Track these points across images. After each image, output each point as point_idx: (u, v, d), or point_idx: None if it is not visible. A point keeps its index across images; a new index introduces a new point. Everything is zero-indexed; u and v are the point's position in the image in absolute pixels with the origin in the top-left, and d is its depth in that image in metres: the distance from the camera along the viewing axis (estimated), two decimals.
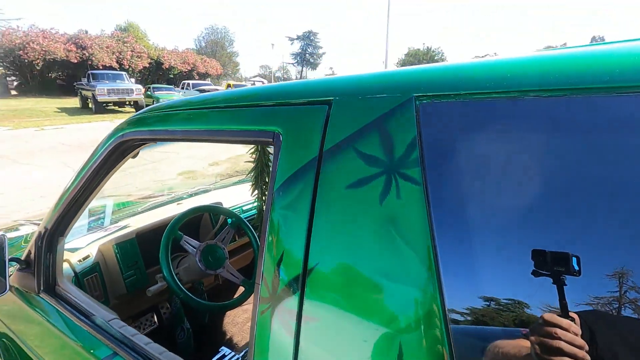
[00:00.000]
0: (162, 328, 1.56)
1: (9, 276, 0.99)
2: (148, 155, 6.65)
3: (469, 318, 0.38)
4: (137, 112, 0.85)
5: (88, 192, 0.93)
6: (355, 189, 0.46)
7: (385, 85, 0.48)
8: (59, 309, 0.95)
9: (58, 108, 15.94)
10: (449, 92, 0.43)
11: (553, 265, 0.35)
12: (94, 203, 1.80)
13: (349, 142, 0.48)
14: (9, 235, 1.47)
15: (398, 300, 0.40)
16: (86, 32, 22.59)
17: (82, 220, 1.49)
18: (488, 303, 0.37)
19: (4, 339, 1.07)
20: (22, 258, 1.03)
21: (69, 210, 0.96)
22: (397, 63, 44.14)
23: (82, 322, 0.87)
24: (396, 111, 0.45)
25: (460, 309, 0.38)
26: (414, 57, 44.08)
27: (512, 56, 0.44)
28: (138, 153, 0.93)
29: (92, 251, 1.26)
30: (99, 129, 10.93)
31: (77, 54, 20.28)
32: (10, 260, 0.98)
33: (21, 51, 18.56)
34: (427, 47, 44.84)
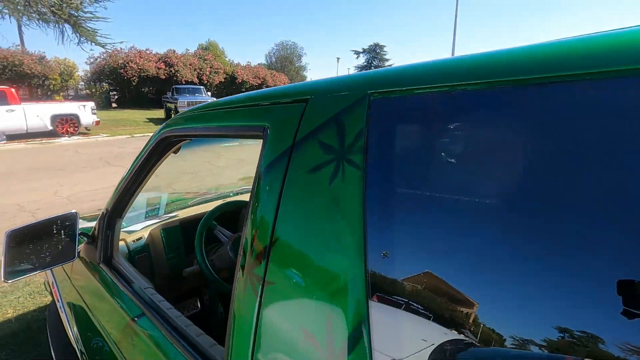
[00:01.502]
0: (204, 312, 1.74)
1: (79, 247, 1.21)
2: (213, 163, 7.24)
3: (387, 287, 0.42)
4: (176, 115, 1.01)
5: (138, 182, 1.12)
6: (313, 173, 0.53)
7: (349, 84, 0.55)
8: (112, 278, 1.14)
9: (147, 118, 18.12)
10: (395, 88, 0.48)
11: (470, 243, 0.39)
12: (152, 195, 2.07)
13: (314, 133, 0.55)
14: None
15: (332, 268, 0.46)
16: (174, 51, 25.43)
17: (141, 210, 1.74)
18: (405, 274, 0.41)
19: (74, 302, 1.30)
20: (89, 234, 1.26)
21: (124, 196, 1.16)
22: None
23: (125, 289, 1.04)
24: (353, 106, 0.52)
25: (381, 279, 0.43)
26: None
27: (447, 57, 0.48)
28: (179, 149, 1.09)
29: (145, 234, 1.48)
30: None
31: (166, 71, 22.94)
32: (80, 234, 1.21)
33: (122, 70, 21.58)
34: None
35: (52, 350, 1.87)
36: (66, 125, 11.77)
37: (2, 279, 1.06)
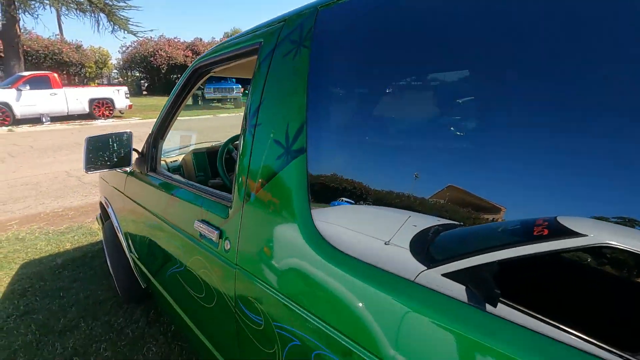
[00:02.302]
0: None
1: (133, 160, 1.63)
2: None
3: (319, 121, 0.77)
4: (203, 54, 1.38)
5: (175, 108, 1.50)
6: (284, 56, 0.87)
7: (308, 7, 0.89)
8: (157, 181, 1.53)
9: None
10: (331, 2, 0.81)
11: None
12: (186, 134, 2.49)
13: (286, 36, 0.89)
14: None
15: (291, 111, 0.81)
16: (200, 39, 26.18)
17: (176, 144, 2.15)
18: (331, 114, 0.76)
19: (126, 215, 1.73)
20: (140, 150, 1.67)
21: (165, 121, 1.55)
22: None
23: (168, 189, 1.44)
24: (309, 17, 0.85)
25: (314, 116, 0.77)
26: None
27: None
28: (205, 82, 1.46)
29: (179, 158, 1.88)
30: (203, 121, 12.78)
31: (193, 59, 23.73)
32: (133, 149, 1.62)
33: (152, 58, 22.53)
34: None
35: (107, 260, 2.34)
36: (102, 108, 12.62)
37: (84, 170, 1.49)
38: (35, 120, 11.29)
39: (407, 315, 0.53)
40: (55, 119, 11.83)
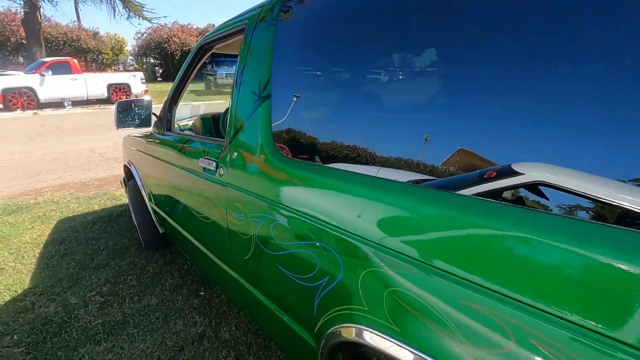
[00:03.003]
0: None
1: (152, 122, 2.01)
2: None
3: (280, 79, 1.11)
4: (209, 32, 1.72)
5: (185, 79, 1.86)
6: (261, 32, 1.21)
7: None
8: (175, 139, 1.91)
9: (189, 90, 19.36)
10: None
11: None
12: (196, 104, 2.87)
13: (263, 17, 1.23)
14: None
15: (262, 70, 1.16)
16: (213, 25, 26.43)
17: (186, 113, 2.53)
18: (291, 72, 1.10)
19: (147, 172, 2.12)
20: (158, 114, 2.05)
21: (177, 90, 1.92)
22: None
23: (180, 141, 1.81)
24: (277, 4, 1.19)
25: (278, 75, 1.12)
26: None
27: None
28: (210, 58, 1.81)
29: (189, 122, 2.26)
30: (214, 106, 13.18)
31: None
32: (152, 114, 2.00)
33: (166, 44, 22.98)
34: None
35: (132, 214, 2.76)
36: (120, 93, 13.16)
37: (116, 128, 1.89)
38: (58, 104, 11.90)
39: (328, 189, 0.88)
40: (75, 103, 12.43)
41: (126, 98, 13.29)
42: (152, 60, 25.83)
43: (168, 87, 19.93)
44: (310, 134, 0.98)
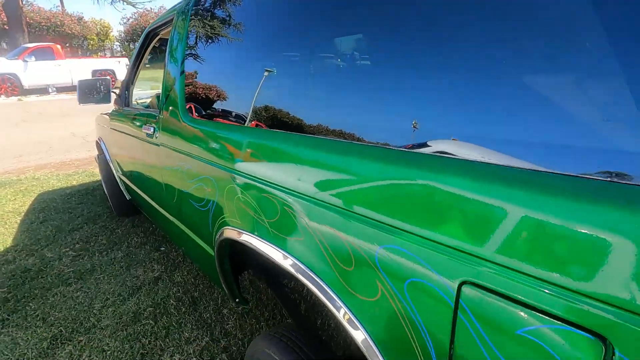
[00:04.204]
0: None
1: (112, 99, 2.31)
2: None
3: (191, 67, 1.43)
4: (153, 22, 2.01)
5: (138, 62, 2.16)
6: (177, 22, 1.52)
7: None
8: (129, 112, 2.21)
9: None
10: None
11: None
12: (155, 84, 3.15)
13: (180, 12, 1.53)
14: None
15: (178, 57, 1.47)
16: None
17: (143, 92, 2.83)
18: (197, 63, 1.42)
19: (113, 144, 2.43)
20: (117, 92, 2.35)
21: (132, 71, 2.21)
22: None
23: (138, 114, 2.11)
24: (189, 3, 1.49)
25: (190, 68, 1.43)
26: None
27: None
28: (157, 42, 2.10)
29: (148, 101, 2.57)
30: None
31: None
32: (111, 91, 2.30)
33: None
34: None
35: (103, 186, 3.07)
36: None
37: (78, 103, 2.19)
38: (42, 90, 11.97)
39: (212, 137, 1.21)
40: (60, 89, 12.49)
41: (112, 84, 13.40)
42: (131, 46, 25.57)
43: (154, 73, 19.87)
44: (208, 100, 1.30)
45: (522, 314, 0.44)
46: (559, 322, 0.41)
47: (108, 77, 2.26)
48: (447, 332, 0.53)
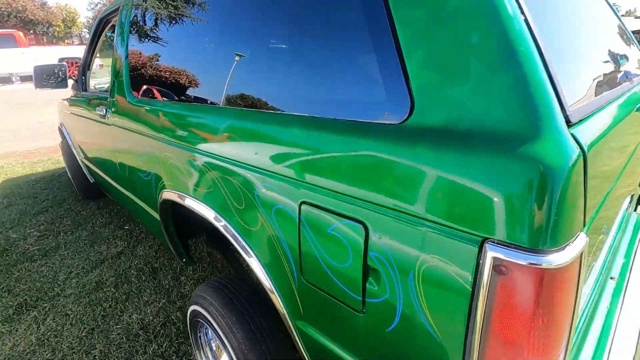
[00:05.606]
0: None
1: (69, 84, 2.40)
2: None
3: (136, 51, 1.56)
4: (106, 8, 2.11)
5: (93, 48, 2.25)
6: (122, 14, 1.65)
7: None
8: (86, 96, 2.30)
9: None
10: None
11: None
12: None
13: (126, 3, 1.66)
14: None
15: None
16: None
17: (99, 80, 2.92)
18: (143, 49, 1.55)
19: (74, 130, 2.52)
20: (75, 78, 2.44)
21: (87, 57, 2.31)
22: None
23: (93, 98, 2.21)
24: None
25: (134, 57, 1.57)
26: None
27: None
28: (110, 28, 2.20)
29: (105, 86, 2.67)
30: None
31: None
32: (69, 77, 2.38)
33: None
34: None
35: (66, 168, 3.15)
36: (72, 67, 12.82)
37: (35, 87, 2.27)
38: (6, 79, 11.54)
39: (152, 113, 1.36)
40: (25, 78, 12.05)
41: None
42: (108, 34, 24.67)
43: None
44: (148, 81, 1.45)
45: (329, 217, 0.64)
46: (344, 219, 0.62)
47: (65, 63, 2.34)
48: (296, 240, 0.73)
